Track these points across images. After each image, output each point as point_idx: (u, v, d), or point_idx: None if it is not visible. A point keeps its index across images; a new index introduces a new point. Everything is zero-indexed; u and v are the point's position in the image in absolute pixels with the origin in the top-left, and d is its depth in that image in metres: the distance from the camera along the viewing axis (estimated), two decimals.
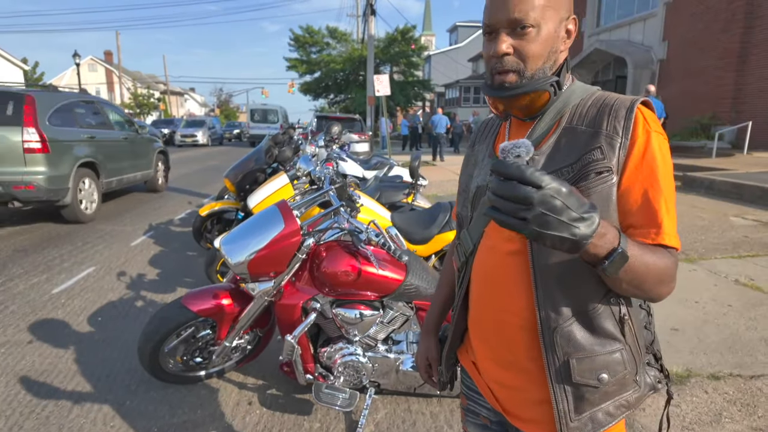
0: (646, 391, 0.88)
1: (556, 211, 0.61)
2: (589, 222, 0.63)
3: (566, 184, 0.63)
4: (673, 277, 0.77)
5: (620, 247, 0.67)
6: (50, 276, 4.10)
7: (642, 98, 0.82)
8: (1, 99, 5.42)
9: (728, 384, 2.26)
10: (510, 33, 0.80)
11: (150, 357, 2.23)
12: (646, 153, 0.78)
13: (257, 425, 2.14)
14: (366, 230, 2.02)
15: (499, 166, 0.63)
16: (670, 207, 0.78)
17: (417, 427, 2.13)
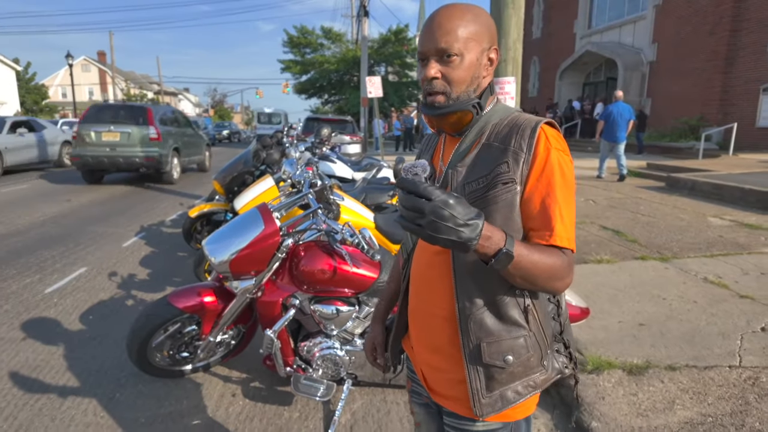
0: (553, 374, 1.00)
1: (444, 218, 0.73)
2: (473, 227, 0.75)
3: (453, 195, 0.75)
4: (566, 274, 0.88)
5: (505, 248, 0.79)
6: (43, 276, 4.20)
7: (546, 120, 0.94)
8: (136, 111, 9.73)
9: (683, 374, 2.40)
10: (438, 60, 0.93)
11: (138, 352, 2.35)
12: (546, 167, 0.90)
13: (240, 415, 2.27)
14: (341, 231, 2.15)
15: (400, 182, 0.77)
16: (564, 214, 0.89)
17: (391, 415, 2.26)
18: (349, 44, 27.62)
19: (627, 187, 8.43)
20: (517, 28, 4.57)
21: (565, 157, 0.92)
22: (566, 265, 0.88)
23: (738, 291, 3.45)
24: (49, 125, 13.07)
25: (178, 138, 10.50)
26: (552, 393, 2.45)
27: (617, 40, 18.00)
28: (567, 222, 0.89)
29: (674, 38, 15.15)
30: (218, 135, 29.45)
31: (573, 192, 0.92)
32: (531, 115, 0.97)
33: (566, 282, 0.89)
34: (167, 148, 9.67)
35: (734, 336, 2.78)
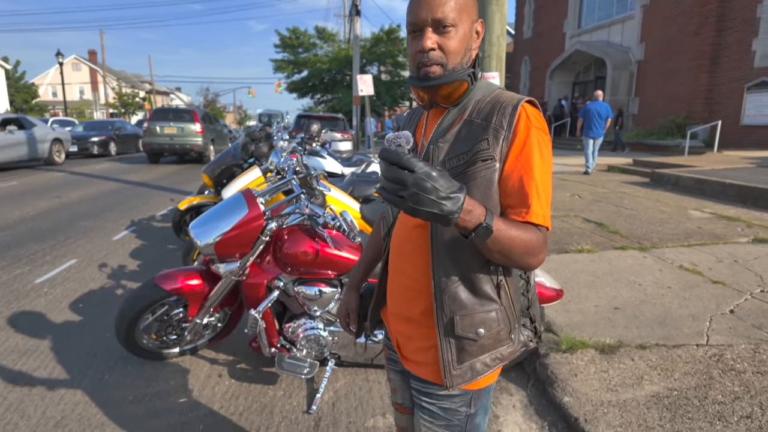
0: (519, 347, 1.03)
1: (426, 191, 0.72)
2: (455, 200, 0.75)
3: (436, 168, 0.75)
4: (541, 250, 0.90)
5: (485, 222, 0.80)
6: (33, 268, 4.24)
7: (527, 98, 0.95)
8: (186, 112, 13.91)
9: (653, 353, 2.50)
10: (434, 31, 0.93)
11: (126, 333, 2.42)
12: (525, 146, 0.91)
13: (225, 394, 2.34)
14: (323, 215, 2.24)
15: (383, 153, 0.75)
16: (541, 192, 0.90)
17: (372, 393, 2.34)
18: (342, 44, 27.68)
19: (612, 183, 8.58)
20: (500, 24, 4.68)
21: (544, 137, 0.94)
22: (541, 242, 0.90)
23: (711, 277, 3.57)
24: (40, 123, 13.00)
25: (213, 132, 14.53)
26: (527, 370, 2.54)
27: (606, 39, 18.21)
28: (543, 200, 0.91)
29: (661, 38, 15.36)
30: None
31: (550, 171, 0.94)
32: (513, 93, 1.00)
33: (540, 258, 0.91)
34: (207, 138, 13.63)
35: (704, 318, 2.90)
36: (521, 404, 2.32)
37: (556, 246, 4.54)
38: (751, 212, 5.85)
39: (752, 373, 2.35)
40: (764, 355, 2.50)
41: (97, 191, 8.64)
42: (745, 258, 4.01)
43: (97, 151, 15.64)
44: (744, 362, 2.44)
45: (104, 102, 38.66)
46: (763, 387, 2.24)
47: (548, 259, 4.13)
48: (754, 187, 6.41)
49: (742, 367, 2.40)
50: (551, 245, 4.59)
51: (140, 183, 9.74)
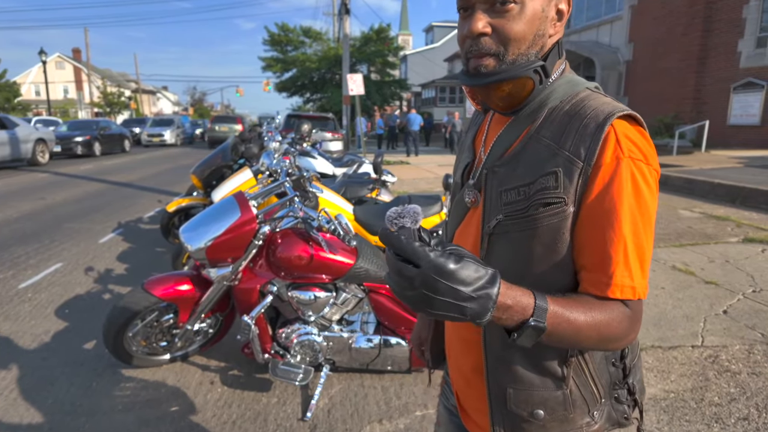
0: (607, 425, 0.80)
1: (439, 292, 0.55)
2: (483, 300, 0.56)
3: (454, 255, 0.56)
4: (626, 334, 0.68)
5: (532, 320, 0.60)
6: (17, 272, 4.13)
7: (623, 111, 0.67)
8: (232, 118, 23.08)
9: (649, 354, 2.50)
10: (488, 10, 0.69)
11: (114, 341, 2.35)
12: (612, 184, 0.65)
13: (218, 401, 2.29)
14: (318, 218, 2.19)
15: (383, 237, 0.58)
16: (631, 253, 0.65)
17: (368, 399, 2.31)
18: (331, 42, 27.56)
19: None
20: None
21: (645, 170, 0.67)
22: (626, 323, 0.67)
23: (703, 277, 3.59)
24: (22, 123, 12.75)
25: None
26: None
27: (595, 39, 18.36)
28: (634, 264, 0.66)
29: (650, 38, 15.51)
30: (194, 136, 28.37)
31: (651, 220, 0.68)
32: (605, 99, 0.71)
33: (626, 341, 0.69)
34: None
35: (698, 318, 2.91)
36: None
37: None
38: (740, 212, 5.92)
39: (747, 374, 2.35)
40: (758, 356, 2.51)
41: (82, 192, 8.49)
42: (736, 258, 4.04)
43: (81, 152, 15.24)
44: (739, 363, 2.44)
45: (89, 101, 38.08)
46: (758, 388, 2.24)
47: None
48: (743, 186, 6.48)
49: (738, 368, 2.41)
50: None
51: (126, 184, 9.58)
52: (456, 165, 0.93)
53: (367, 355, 2.37)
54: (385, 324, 2.39)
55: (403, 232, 0.59)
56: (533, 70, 0.71)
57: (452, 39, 36.58)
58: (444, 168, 11.61)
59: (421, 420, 2.14)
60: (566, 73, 0.76)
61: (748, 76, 12.56)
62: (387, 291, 2.33)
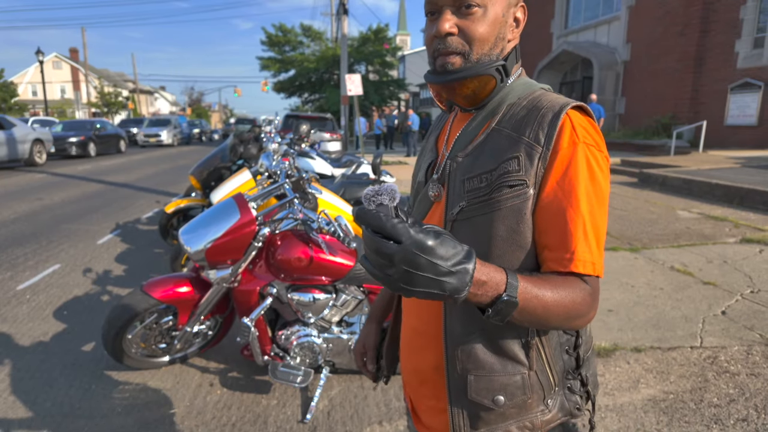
0: (560, 415, 0.80)
1: (420, 267, 0.55)
2: (461, 274, 0.57)
3: (433, 232, 0.57)
4: (588, 309, 0.70)
5: (505, 295, 0.62)
6: (14, 274, 4.12)
7: (574, 103, 0.74)
8: (251, 120, 26.81)
9: (648, 355, 2.51)
10: (454, 12, 0.74)
11: (114, 343, 2.34)
12: (569, 167, 0.70)
13: (218, 403, 2.28)
14: (317, 219, 2.19)
15: (360, 216, 0.57)
16: (590, 231, 0.69)
17: (368, 401, 2.30)
18: (329, 42, 27.55)
19: None
20: None
21: (598, 155, 0.73)
22: (588, 299, 0.70)
23: (702, 278, 3.60)
24: (20, 123, 12.70)
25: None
26: None
27: (593, 39, 18.38)
28: (593, 241, 0.70)
29: (647, 38, 15.55)
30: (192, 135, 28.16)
31: (605, 201, 0.73)
32: (558, 95, 0.78)
33: (588, 318, 0.71)
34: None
35: (696, 319, 2.91)
36: None
37: None
38: (737, 212, 5.94)
39: (746, 375, 2.36)
40: (757, 357, 2.52)
41: (80, 193, 8.46)
42: (733, 258, 4.05)
43: (75, 152, 15.10)
44: (738, 364, 2.45)
45: (86, 101, 37.99)
46: (757, 389, 2.25)
47: None
48: (740, 187, 6.50)
49: (736, 369, 2.41)
50: None
51: (124, 184, 9.56)
52: (418, 165, 0.95)
53: None
54: None
55: (381, 209, 0.57)
56: (495, 69, 0.77)
57: None
58: None
59: None
60: (522, 76, 0.83)
61: (745, 76, 12.60)
62: None
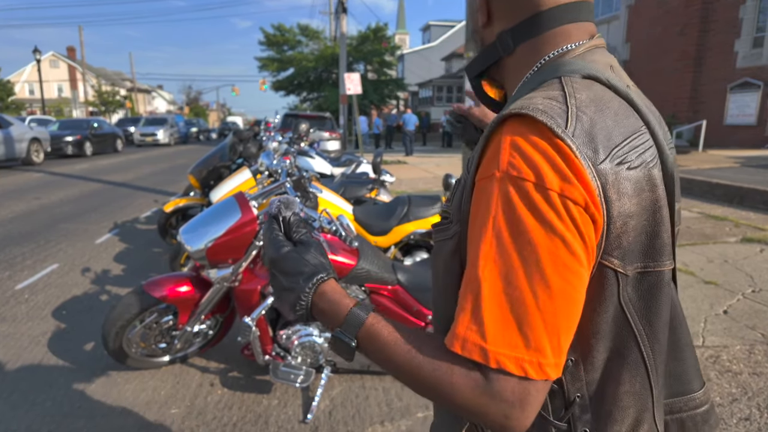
0: None
1: (272, 276, 0.62)
2: (294, 294, 0.59)
3: (290, 247, 0.62)
4: (470, 402, 0.49)
5: (338, 330, 0.57)
6: (12, 273, 4.09)
7: (521, 110, 0.51)
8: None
9: None
10: None
11: (113, 342, 2.32)
12: (480, 208, 0.52)
13: (218, 403, 2.27)
14: (319, 218, 2.17)
15: (263, 222, 0.67)
16: (488, 303, 0.48)
17: (369, 400, 2.29)
18: (327, 41, 27.52)
19: None
20: None
21: (534, 195, 0.48)
22: (472, 391, 0.49)
23: (703, 278, 3.59)
24: (17, 122, 12.65)
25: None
26: None
27: None
28: (491, 319, 0.48)
29: (646, 38, 15.56)
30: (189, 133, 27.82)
31: (546, 268, 0.47)
32: (533, 96, 0.54)
33: (481, 416, 0.49)
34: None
35: (699, 318, 2.91)
36: None
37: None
38: (737, 212, 5.94)
39: (748, 375, 2.35)
40: (759, 356, 2.51)
41: (78, 192, 8.43)
42: (734, 258, 4.05)
43: (71, 152, 14.98)
44: (740, 363, 2.45)
45: (84, 100, 37.88)
46: (759, 388, 2.24)
47: None
48: (740, 186, 6.50)
49: (739, 368, 2.41)
50: None
51: (122, 183, 9.53)
52: None
53: None
54: None
55: (273, 220, 0.65)
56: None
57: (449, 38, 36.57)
58: (442, 168, 11.61)
59: (422, 421, 2.12)
60: (544, 68, 0.63)
61: (744, 76, 12.61)
62: (389, 292, 2.31)
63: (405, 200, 3.40)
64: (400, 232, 3.32)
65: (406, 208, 3.34)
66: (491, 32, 0.65)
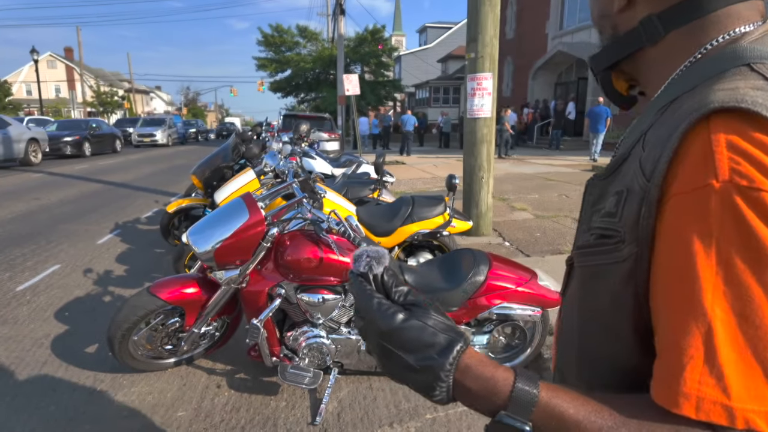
0: None
1: (385, 353, 0.49)
2: (427, 375, 0.47)
3: (404, 314, 0.49)
4: None
5: (505, 414, 0.44)
6: (13, 274, 4.07)
7: (737, 104, 0.41)
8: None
9: None
10: None
11: (119, 345, 2.31)
12: (690, 226, 0.41)
13: (225, 406, 2.26)
14: (327, 219, 2.17)
15: (351, 282, 0.54)
16: (723, 346, 0.39)
17: (377, 402, 2.29)
18: (325, 43, 27.52)
19: None
20: (493, 24, 4.66)
21: (762, 205, 0.39)
22: None
23: None
24: (15, 122, 12.59)
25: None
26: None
27: (588, 40, 18.43)
28: (730, 365, 0.39)
29: None
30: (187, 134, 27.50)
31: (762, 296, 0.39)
32: (744, 87, 0.43)
33: None
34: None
35: None
36: None
37: (549, 247, 4.54)
38: None
39: None
40: None
41: (77, 192, 8.39)
42: None
43: (70, 152, 14.92)
44: None
45: (82, 101, 37.73)
46: None
47: (544, 261, 4.13)
48: None
49: None
50: (544, 245, 4.60)
51: (122, 184, 9.49)
52: None
53: None
54: None
55: (363, 277, 0.53)
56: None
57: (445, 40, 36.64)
58: (440, 168, 11.61)
59: (431, 423, 2.12)
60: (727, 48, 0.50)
61: None
62: None
63: (409, 200, 3.39)
64: (404, 233, 3.31)
65: (410, 208, 3.34)
66: (632, 17, 0.55)
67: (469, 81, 4.85)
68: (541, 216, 5.96)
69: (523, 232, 5.19)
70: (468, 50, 4.83)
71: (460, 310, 2.27)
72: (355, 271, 0.54)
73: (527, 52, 21.71)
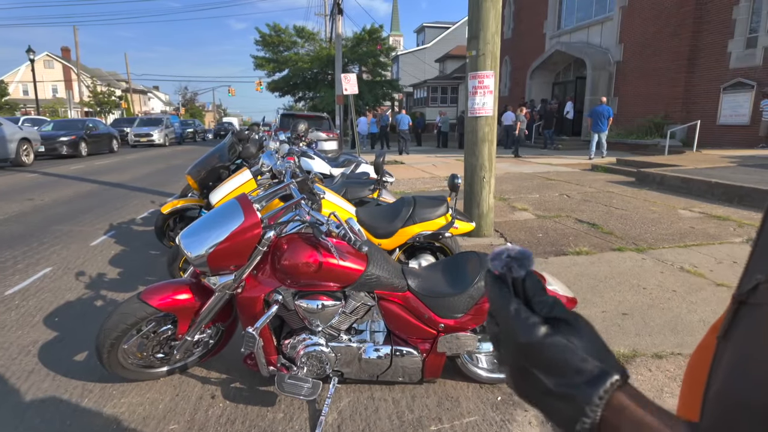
0: None
1: (520, 370, 0.44)
2: (569, 405, 0.41)
3: (550, 328, 0.43)
4: None
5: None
6: (3, 278, 3.95)
7: None
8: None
9: (670, 362, 2.41)
10: None
11: (108, 354, 2.20)
12: None
13: (220, 418, 2.15)
14: (327, 222, 2.06)
15: (487, 282, 0.49)
16: None
17: (379, 413, 2.19)
18: (323, 43, 27.41)
19: (598, 182, 8.60)
20: (495, 21, 4.57)
21: None
22: None
23: (714, 279, 3.52)
24: (6, 122, 12.43)
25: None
26: None
27: (585, 40, 18.39)
28: None
29: (640, 39, 15.57)
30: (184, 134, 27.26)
31: None
32: None
33: None
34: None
35: None
36: (537, 420, 2.19)
37: (552, 248, 4.45)
38: (739, 211, 5.89)
39: None
40: None
41: (72, 193, 8.26)
42: (743, 258, 3.97)
43: (66, 152, 14.79)
44: None
45: (79, 101, 37.46)
46: None
47: (547, 262, 4.04)
48: (740, 186, 6.46)
49: None
50: (547, 246, 4.51)
51: (117, 184, 9.36)
52: None
53: (377, 366, 2.25)
54: (396, 333, 2.28)
55: (503, 280, 0.48)
56: None
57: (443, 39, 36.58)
58: (439, 168, 11.52)
59: None
60: None
61: (737, 76, 12.63)
62: (399, 299, 2.21)
63: (410, 201, 3.29)
64: (405, 235, 3.22)
65: (411, 209, 3.24)
66: None
67: (470, 79, 4.76)
68: (542, 216, 5.87)
69: (525, 232, 5.10)
70: (469, 48, 4.74)
71: (466, 316, 2.17)
72: (493, 272, 0.49)
73: (525, 52, 21.65)
